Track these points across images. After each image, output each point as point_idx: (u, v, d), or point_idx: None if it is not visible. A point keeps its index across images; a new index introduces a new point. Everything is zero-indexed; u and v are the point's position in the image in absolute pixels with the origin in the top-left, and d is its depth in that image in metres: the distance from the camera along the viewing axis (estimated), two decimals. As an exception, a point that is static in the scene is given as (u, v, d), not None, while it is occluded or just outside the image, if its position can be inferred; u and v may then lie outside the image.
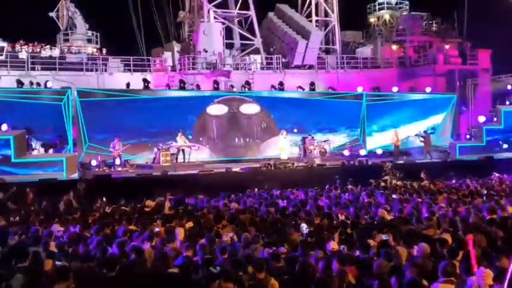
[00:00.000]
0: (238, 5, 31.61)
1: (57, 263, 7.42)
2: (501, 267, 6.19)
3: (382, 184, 17.58)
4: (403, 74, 32.28)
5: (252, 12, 31.54)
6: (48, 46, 28.10)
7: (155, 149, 24.01)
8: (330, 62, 31.80)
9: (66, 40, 29.58)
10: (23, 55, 26.52)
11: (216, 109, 26.53)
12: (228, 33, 31.78)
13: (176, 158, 24.05)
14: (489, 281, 6.00)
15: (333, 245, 8.00)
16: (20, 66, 25.89)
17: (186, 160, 24.26)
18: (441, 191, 15.00)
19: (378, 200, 13.54)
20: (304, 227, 9.38)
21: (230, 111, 26.72)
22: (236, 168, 22.03)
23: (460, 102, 30.81)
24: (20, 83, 23.81)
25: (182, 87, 26.40)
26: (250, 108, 27.05)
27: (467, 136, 28.98)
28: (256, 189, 17.00)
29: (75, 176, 20.47)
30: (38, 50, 27.70)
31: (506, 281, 5.50)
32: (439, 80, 31.43)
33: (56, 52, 27.73)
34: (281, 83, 28.08)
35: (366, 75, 31.33)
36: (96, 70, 27.16)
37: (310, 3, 33.97)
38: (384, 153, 26.92)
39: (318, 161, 24.31)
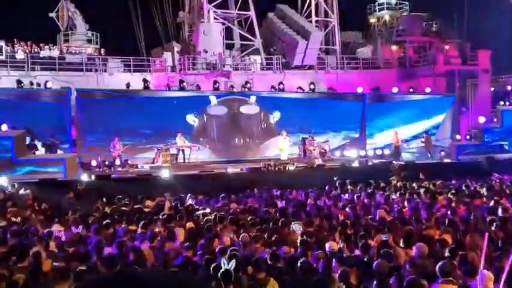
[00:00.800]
0: (238, 6, 31.61)
1: (54, 264, 7.42)
2: (501, 269, 6.19)
3: (382, 185, 17.56)
4: (403, 74, 32.28)
5: (252, 13, 31.54)
6: (47, 46, 28.13)
7: (155, 150, 24.05)
8: (330, 62, 31.80)
9: (66, 40, 29.61)
10: (20, 55, 26.55)
11: (217, 109, 26.55)
12: (228, 33, 31.77)
13: (176, 158, 24.09)
14: (490, 285, 5.99)
15: (333, 245, 8.01)
16: (20, 67, 25.88)
17: (186, 160, 24.30)
18: (441, 192, 15.01)
19: (378, 200, 13.55)
20: (297, 227, 9.39)
21: (230, 112, 26.73)
22: (236, 168, 22.03)
23: (460, 102, 30.80)
24: (20, 83, 23.84)
25: (182, 88, 26.41)
26: (250, 109, 27.06)
27: (467, 137, 28.97)
28: (256, 190, 16.99)
29: (75, 176, 20.44)
30: (36, 50, 27.72)
31: (502, 281, 5.52)
32: (439, 80, 31.41)
33: (55, 52, 27.75)
34: (281, 84, 28.10)
35: (366, 75, 31.31)
36: (96, 70, 27.16)
37: (310, 4, 33.97)
38: (384, 154, 26.90)
39: (318, 162, 24.31)
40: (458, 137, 28.98)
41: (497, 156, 24.93)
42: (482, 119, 28.48)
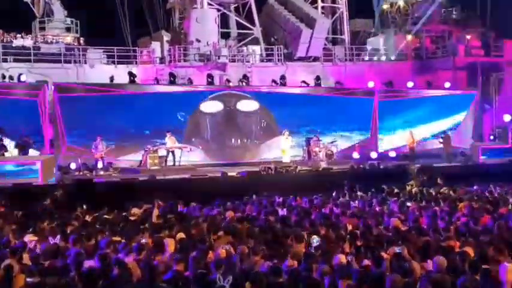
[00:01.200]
0: (235, -10, 31.69)
1: (28, 279, 7.42)
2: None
3: (396, 191, 17.62)
4: (419, 67, 32.33)
5: (250, -3, 31.59)
6: (19, 35, 28.10)
7: (142, 151, 24.05)
8: (337, 53, 31.82)
9: (42, 28, 29.58)
10: (-10, 45, 26.58)
11: (210, 106, 26.55)
12: (224, 21, 31.80)
13: (165, 161, 24.09)
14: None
15: (341, 258, 8.01)
16: (-10, 58, 25.89)
17: (177, 163, 24.30)
18: (462, 199, 15.04)
19: (391, 208, 13.57)
20: (315, 240, 9.39)
21: (226, 109, 26.73)
22: (232, 172, 22.05)
23: (483, 99, 30.82)
24: (-10, 76, 23.84)
25: (172, 82, 26.41)
26: (248, 105, 27.06)
27: (491, 137, 28.99)
28: (254, 196, 17.02)
29: (53, 180, 20.42)
30: (9, 39, 27.70)
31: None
32: (460, 74, 31.44)
33: (29, 42, 27.71)
34: (283, 77, 28.09)
35: (378, 68, 31.33)
36: (76, 62, 27.14)
37: (315, -12, 34.03)
38: (398, 156, 26.94)
39: (324, 165, 24.32)
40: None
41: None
42: (507, 117, 28.46)
